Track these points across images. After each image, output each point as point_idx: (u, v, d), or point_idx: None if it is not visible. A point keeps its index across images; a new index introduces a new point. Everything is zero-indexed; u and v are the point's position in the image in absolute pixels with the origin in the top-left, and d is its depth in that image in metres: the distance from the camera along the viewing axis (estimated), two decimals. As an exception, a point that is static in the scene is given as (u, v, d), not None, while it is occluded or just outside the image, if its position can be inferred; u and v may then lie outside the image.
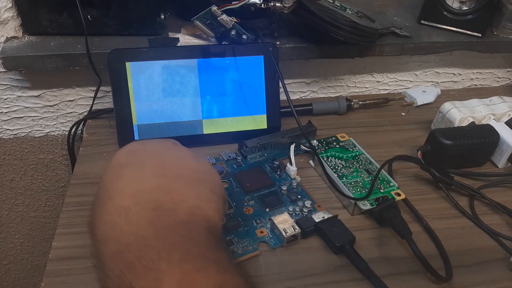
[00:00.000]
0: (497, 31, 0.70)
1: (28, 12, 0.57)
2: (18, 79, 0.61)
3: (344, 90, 0.75)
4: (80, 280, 0.40)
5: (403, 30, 0.67)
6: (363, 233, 0.47)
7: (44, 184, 0.76)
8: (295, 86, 0.72)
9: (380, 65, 0.72)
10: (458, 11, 0.68)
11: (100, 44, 0.58)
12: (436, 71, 0.76)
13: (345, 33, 0.56)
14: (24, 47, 0.57)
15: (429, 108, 0.71)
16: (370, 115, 0.68)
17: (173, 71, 0.55)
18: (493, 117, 0.61)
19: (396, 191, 0.50)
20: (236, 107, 0.58)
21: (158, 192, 0.30)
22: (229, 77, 0.57)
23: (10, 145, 0.70)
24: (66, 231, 0.45)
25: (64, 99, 0.65)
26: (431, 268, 0.42)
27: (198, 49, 0.56)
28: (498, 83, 0.81)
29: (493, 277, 0.44)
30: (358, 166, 0.54)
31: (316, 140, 0.58)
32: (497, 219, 0.51)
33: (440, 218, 0.50)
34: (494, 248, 0.47)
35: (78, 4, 0.54)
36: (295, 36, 0.63)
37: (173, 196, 0.30)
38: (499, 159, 0.58)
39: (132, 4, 0.57)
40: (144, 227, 0.27)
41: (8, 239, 0.83)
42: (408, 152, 0.60)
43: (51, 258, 0.42)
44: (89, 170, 0.53)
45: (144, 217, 0.28)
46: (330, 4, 0.59)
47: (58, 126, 0.68)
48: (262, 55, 0.57)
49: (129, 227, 0.27)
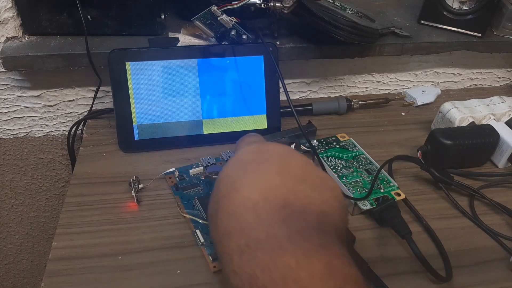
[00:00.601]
0: (497, 31, 0.70)
1: (28, 12, 0.57)
2: (18, 79, 0.61)
3: (344, 90, 0.75)
4: (80, 280, 0.40)
5: (403, 30, 0.67)
6: (363, 233, 0.47)
7: (44, 184, 0.76)
8: (295, 86, 0.72)
9: (380, 65, 0.72)
10: (458, 11, 0.68)
11: (100, 44, 0.58)
12: (436, 71, 0.76)
13: (345, 33, 0.56)
14: (24, 47, 0.57)
15: (429, 108, 0.71)
16: (370, 115, 0.68)
17: (173, 71, 0.55)
18: (493, 117, 0.61)
19: (396, 191, 0.50)
20: (236, 107, 0.58)
21: (285, 191, 0.28)
22: (229, 77, 0.57)
23: (10, 145, 0.70)
24: (66, 231, 0.45)
25: (64, 99, 0.65)
26: (431, 268, 0.42)
27: (198, 49, 0.56)
28: (498, 83, 0.81)
29: (493, 277, 0.44)
30: (358, 166, 0.54)
31: (316, 140, 0.58)
32: (497, 219, 0.51)
33: (440, 218, 0.50)
34: (494, 248, 0.47)
35: (78, 4, 0.54)
36: (295, 36, 0.63)
37: (300, 197, 0.28)
38: (499, 159, 0.58)
39: (132, 4, 0.57)
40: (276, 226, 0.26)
41: (8, 239, 0.83)
42: (408, 152, 0.60)
43: (51, 258, 0.42)
44: (89, 170, 0.53)
45: (273, 215, 0.27)
46: (330, 4, 0.59)
47: (58, 126, 0.68)
48: (262, 55, 0.57)
49: (258, 224, 0.26)
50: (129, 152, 0.56)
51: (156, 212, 0.48)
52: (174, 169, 0.52)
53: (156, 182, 0.51)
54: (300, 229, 0.26)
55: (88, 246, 0.44)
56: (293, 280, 0.23)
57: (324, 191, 0.30)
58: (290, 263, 0.24)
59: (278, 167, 0.31)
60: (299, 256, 0.24)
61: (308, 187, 0.30)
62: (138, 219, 0.47)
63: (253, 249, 0.25)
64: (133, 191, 0.48)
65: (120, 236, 0.45)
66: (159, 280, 0.41)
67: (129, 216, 0.47)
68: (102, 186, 0.51)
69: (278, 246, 0.25)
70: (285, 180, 0.29)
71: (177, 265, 0.42)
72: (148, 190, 0.50)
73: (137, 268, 0.42)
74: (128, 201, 0.49)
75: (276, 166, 0.31)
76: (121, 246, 0.44)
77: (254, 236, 0.26)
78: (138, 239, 0.45)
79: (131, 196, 0.49)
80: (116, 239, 0.44)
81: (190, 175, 0.52)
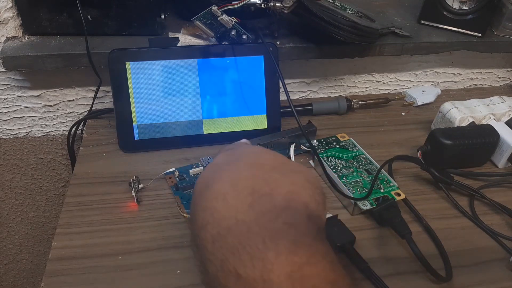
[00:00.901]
0: (497, 31, 0.70)
1: (28, 12, 0.57)
2: (18, 79, 0.61)
3: (344, 90, 0.75)
4: (80, 280, 0.40)
5: (403, 30, 0.67)
6: (363, 233, 0.47)
7: (44, 184, 0.76)
8: (295, 86, 0.72)
9: (380, 65, 0.72)
10: (458, 11, 0.68)
11: (100, 44, 0.58)
12: (436, 71, 0.76)
13: (345, 33, 0.56)
14: (24, 47, 0.57)
15: (429, 108, 0.71)
16: (370, 115, 0.68)
17: (173, 71, 0.55)
18: (493, 117, 0.61)
19: (396, 191, 0.50)
20: (236, 107, 0.58)
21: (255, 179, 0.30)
22: (229, 77, 0.57)
23: (10, 145, 0.70)
24: (66, 231, 0.45)
25: (64, 99, 0.65)
26: (431, 268, 0.42)
27: (198, 49, 0.56)
28: (498, 83, 0.81)
29: (493, 277, 0.44)
30: (358, 166, 0.54)
31: (316, 140, 0.58)
32: (497, 219, 0.51)
33: (440, 218, 0.50)
34: (494, 248, 0.47)
35: (78, 4, 0.54)
36: (295, 36, 0.63)
37: (269, 182, 0.30)
38: (499, 159, 0.58)
39: (132, 4, 0.57)
40: (244, 211, 0.27)
41: (8, 239, 0.83)
42: (408, 152, 0.60)
43: (51, 258, 0.42)
44: (89, 170, 0.53)
45: (242, 201, 0.28)
46: (330, 4, 0.59)
47: (58, 126, 0.68)
48: (262, 55, 0.57)
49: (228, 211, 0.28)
50: (129, 152, 0.56)
51: (156, 212, 0.48)
52: (174, 169, 0.52)
53: (156, 182, 0.51)
54: (266, 211, 0.27)
55: (88, 246, 0.44)
56: (260, 260, 0.24)
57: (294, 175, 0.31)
58: (258, 244, 0.25)
59: (249, 162, 0.32)
60: (265, 236, 0.25)
61: (278, 173, 0.31)
62: (138, 219, 0.47)
63: (224, 235, 0.26)
64: (133, 191, 0.48)
65: (120, 236, 0.45)
66: (159, 280, 0.41)
67: (129, 216, 0.47)
68: (102, 186, 0.51)
69: (246, 229, 0.26)
70: (255, 171, 0.31)
71: (177, 265, 0.42)
72: (148, 190, 0.50)
73: (137, 268, 0.42)
74: (128, 201, 0.49)
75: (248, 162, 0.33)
76: (121, 246, 0.44)
77: (224, 224, 0.27)
78: (138, 239, 0.45)
79: (131, 196, 0.49)
80: (116, 239, 0.44)
81: (190, 175, 0.52)
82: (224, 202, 0.28)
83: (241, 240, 0.25)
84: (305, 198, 0.30)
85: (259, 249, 0.25)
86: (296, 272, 0.24)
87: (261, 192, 0.29)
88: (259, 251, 0.25)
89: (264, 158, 0.33)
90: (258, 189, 0.29)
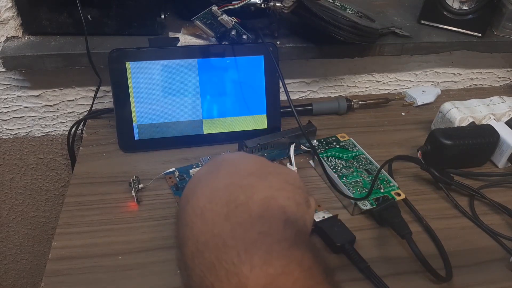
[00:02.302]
0: (497, 31, 0.70)
1: (28, 12, 0.57)
2: (18, 79, 0.61)
3: (344, 90, 0.75)
4: (80, 280, 0.40)
5: (403, 30, 0.67)
6: (363, 233, 0.47)
7: (44, 184, 0.76)
8: (295, 86, 0.72)
9: (380, 65, 0.72)
10: (458, 11, 0.68)
11: (100, 44, 0.58)
12: (436, 71, 0.76)
13: (345, 33, 0.56)
14: (24, 47, 0.57)
15: (429, 108, 0.71)
16: (370, 115, 0.68)
17: (173, 71, 0.55)
18: (493, 117, 0.61)
19: (396, 191, 0.50)
20: (236, 107, 0.58)
21: (231, 188, 0.30)
22: (229, 77, 0.57)
23: (10, 145, 0.70)
24: (66, 231, 0.45)
25: (64, 99, 0.65)
26: (431, 268, 0.42)
27: (198, 49, 0.56)
28: (498, 83, 0.81)
29: (493, 277, 0.44)
30: (358, 166, 0.54)
31: (316, 140, 0.58)
32: (497, 219, 0.51)
33: (440, 218, 0.50)
34: (494, 248, 0.47)
35: (78, 4, 0.54)
36: (295, 36, 0.63)
37: (245, 189, 0.30)
38: (499, 159, 0.58)
39: (132, 4, 0.57)
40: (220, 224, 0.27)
41: (8, 239, 0.83)
42: (408, 152, 0.60)
43: (51, 258, 0.42)
44: (89, 170, 0.53)
45: (218, 214, 0.28)
46: (330, 4, 0.59)
47: (58, 126, 0.68)
48: (262, 55, 0.57)
49: (205, 226, 0.27)
50: (129, 152, 0.56)
51: (156, 212, 0.48)
52: (174, 169, 0.52)
53: (156, 182, 0.51)
54: (241, 221, 0.27)
55: (88, 246, 0.44)
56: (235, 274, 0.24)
57: (272, 177, 0.31)
58: (233, 258, 0.25)
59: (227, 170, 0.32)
60: (240, 249, 0.25)
61: (255, 178, 0.31)
62: (138, 219, 0.47)
63: (201, 251, 0.26)
64: (133, 191, 0.48)
65: (120, 236, 0.45)
66: (159, 280, 0.41)
67: (129, 216, 0.47)
68: (102, 186, 0.51)
69: (222, 243, 0.26)
70: (231, 179, 0.31)
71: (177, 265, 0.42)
72: (148, 190, 0.50)
73: (137, 268, 0.42)
74: (128, 201, 0.49)
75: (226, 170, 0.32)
76: (121, 246, 0.44)
77: (202, 239, 0.27)
78: (138, 239, 0.45)
79: (131, 196, 0.49)
80: (116, 239, 0.44)
81: (190, 175, 0.52)
82: (202, 217, 0.28)
83: (218, 255, 0.25)
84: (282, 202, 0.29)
85: (234, 263, 0.24)
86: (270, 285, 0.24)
87: (237, 202, 0.29)
88: (234, 266, 0.24)
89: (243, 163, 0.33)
90: (233, 198, 0.29)
